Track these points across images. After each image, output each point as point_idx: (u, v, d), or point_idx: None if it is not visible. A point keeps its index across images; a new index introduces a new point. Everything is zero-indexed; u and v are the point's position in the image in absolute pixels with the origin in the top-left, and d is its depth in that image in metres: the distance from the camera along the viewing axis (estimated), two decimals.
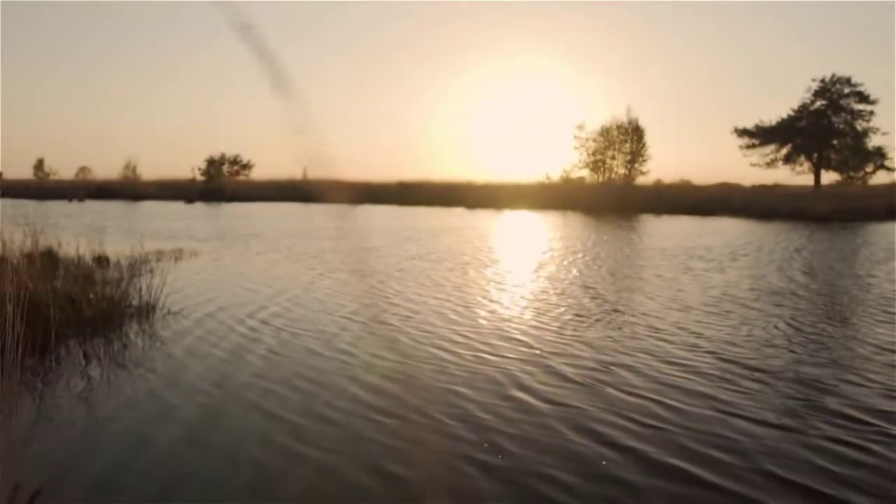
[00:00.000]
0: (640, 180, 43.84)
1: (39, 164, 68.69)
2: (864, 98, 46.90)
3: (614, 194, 36.71)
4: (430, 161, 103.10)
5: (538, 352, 5.64)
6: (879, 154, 47.89)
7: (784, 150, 49.38)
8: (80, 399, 4.37)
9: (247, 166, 71.88)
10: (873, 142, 47.44)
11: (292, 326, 6.55)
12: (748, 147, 50.40)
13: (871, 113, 46.85)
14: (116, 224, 21.12)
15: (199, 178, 53.42)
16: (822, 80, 47.91)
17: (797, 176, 49.01)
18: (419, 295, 8.56)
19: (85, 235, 9.84)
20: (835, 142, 47.83)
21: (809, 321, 7.07)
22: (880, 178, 48.12)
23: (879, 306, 7.97)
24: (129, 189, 48.82)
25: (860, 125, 47.32)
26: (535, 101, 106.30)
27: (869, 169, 49.00)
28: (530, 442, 3.65)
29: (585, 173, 45.41)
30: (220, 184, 50.33)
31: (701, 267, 11.83)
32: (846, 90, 47.30)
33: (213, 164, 56.04)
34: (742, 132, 50.27)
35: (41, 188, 50.94)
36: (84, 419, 4.00)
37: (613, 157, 44.24)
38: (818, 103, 48.17)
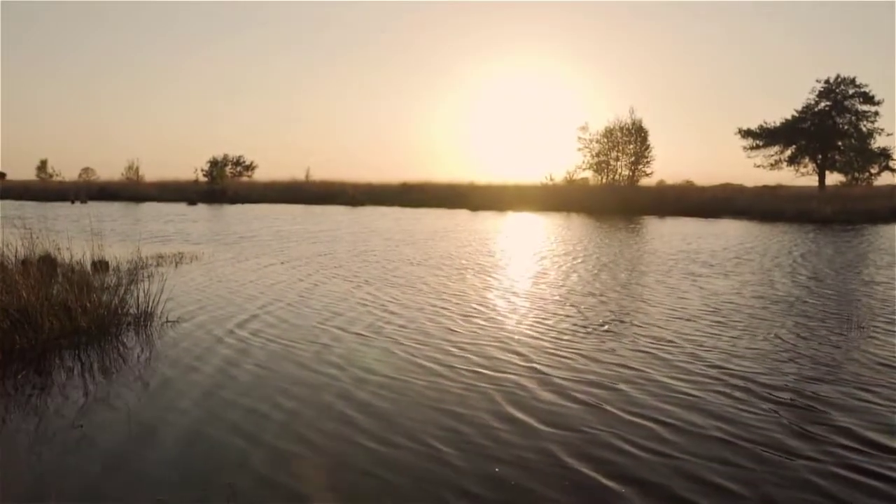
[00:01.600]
0: (644, 181, 43.71)
1: (42, 166, 69.07)
2: (868, 99, 46.69)
3: (617, 196, 36.56)
4: (431, 162, 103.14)
5: (536, 366, 5.50)
6: (884, 155, 47.71)
7: (788, 152, 49.21)
8: (69, 413, 4.25)
9: (249, 167, 72.16)
10: (878, 143, 47.33)
11: (283, 337, 6.43)
12: (752, 148, 50.25)
13: (876, 114, 46.69)
14: (118, 226, 21.07)
15: (202, 179, 53.31)
16: (827, 81, 47.76)
17: (801, 177, 48.91)
18: (415, 302, 8.44)
19: (85, 239, 9.79)
20: (839, 143, 47.62)
21: (813, 331, 6.91)
22: (885, 179, 47.99)
23: (884, 315, 7.82)
24: (131, 190, 48.81)
25: (865, 126, 47.14)
26: (536, 101, 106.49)
27: (874, 170, 48.83)
28: (527, 471, 3.49)
29: (589, 174, 45.31)
30: (223, 185, 50.26)
31: (703, 272, 11.68)
32: (850, 91, 47.11)
33: (216, 166, 56.00)
34: (746, 133, 50.11)
35: (43, 189, 51.01)
36: (69, 435, 3.87)
37: (617, 159, 44.07)
38: (822, 104, 47.99)
